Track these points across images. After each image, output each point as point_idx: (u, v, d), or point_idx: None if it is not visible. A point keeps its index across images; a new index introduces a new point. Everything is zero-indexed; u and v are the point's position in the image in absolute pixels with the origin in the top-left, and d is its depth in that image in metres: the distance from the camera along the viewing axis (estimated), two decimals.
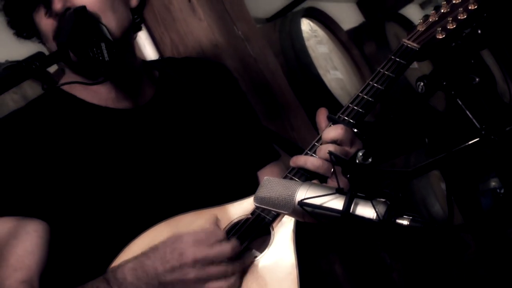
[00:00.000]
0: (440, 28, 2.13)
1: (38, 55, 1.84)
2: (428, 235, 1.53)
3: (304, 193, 1.65)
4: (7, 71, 1.82)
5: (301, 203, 1.64)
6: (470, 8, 2.13)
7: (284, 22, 4.25)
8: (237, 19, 3.17)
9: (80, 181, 2.03)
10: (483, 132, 1.70)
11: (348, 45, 4.56)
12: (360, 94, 2.08)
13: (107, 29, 1.97)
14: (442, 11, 2.18)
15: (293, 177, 2.00)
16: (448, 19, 2.14)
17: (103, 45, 1.92)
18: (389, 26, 4.74)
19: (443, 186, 4.38)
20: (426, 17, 2.21)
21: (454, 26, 2.13)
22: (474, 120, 1.73)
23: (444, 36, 2.13)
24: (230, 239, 1.90)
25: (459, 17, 2.13)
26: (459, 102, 1.76)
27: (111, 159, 2.08)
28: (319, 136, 2.05)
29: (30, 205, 1.98)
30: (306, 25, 4.32)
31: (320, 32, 4.44)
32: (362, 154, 1.59)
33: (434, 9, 2.20)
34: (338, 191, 1.61)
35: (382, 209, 1.56)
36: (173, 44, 3.11)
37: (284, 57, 4.05)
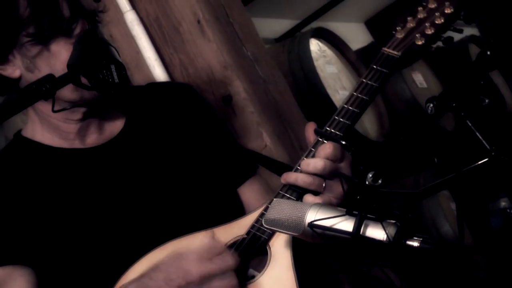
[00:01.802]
0: (419, 34, 2.12)
1: (49, 78, 1.85)
2: (438, 256, 1.52)
3: (314, 215, 1.65)
4: (17, 93, 1.83)
5: (311, 224, 1.63)
6: (446, 12, 2.12)
7: (292, 42, 4.25)
8: (246, 40, 3.18)
9: (58, 225, 2.02)
10: (493, 154, 1.70)
11: (357, 65, 4.56)
12: (345, 106, 2.08)
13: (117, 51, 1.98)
14: (419, 16, 2.16)
15: (285, 194, 1.98)
16: (426, 24, 2.13)
17: (112, 67, 1.93)
18: None
19: (452, 206, 4.36)
20: (403, 23, 2.19)
21: (433, 31, 2.12)
22: (484, 141, 1.72)
23: (423, 41, 2.12)
24: (229, 251, 1.89)
25: (436, 22, 2.12)
26: (469, 123, 1.75)
27: (88, 199, 2.07)
28: (307, 151, 2.03)
29: (14, 254, 1.99)
30: (315, 45, 4.32)
31: (329, 52, 4.45)
32: (372, 176, 1.59)
33: (410, 15, 2.18)
34: (348, 212, 1.61)
35: (392, 230, 1.55)
36: (182, 65, 3.11)
37: (293, 77, 4.05)
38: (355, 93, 2.09)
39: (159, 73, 3.06)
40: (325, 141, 2.02)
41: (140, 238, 2.03)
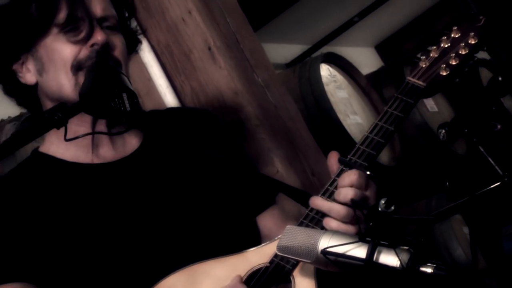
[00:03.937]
0: (444, 65, 2.09)
1: (60, 106, 1.86)
2: (452, 282, 1.52)
3: (327, 242, 1.64)
4: (30, 122, 1.84)
5: (324, 251, 1.63)
6: (471, 42, 2.10)
7: (303, 67, 4.26)
8: (256, 67, 3.18)
9: (68, 243, 2.02)
10: (506, 179, 1.69)
11: (367, 89, 4.56)
12: (369, 135, 2.01)
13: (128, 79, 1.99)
14: (442, 45, 2.14)
15: (309, 224, 1.93)
16: (451, 54, 2.10)
17: (124, 95, 1.93)
18: (408, 70, 4.73)
19: (465, 230, 4.34)
20: (427, 52, 2.15)
21: (458, 62, 2.09)
22: (496, 167, 1.72)
23: (448, 72, 2.08)
24: None
25: (461, 52, 2.10)
26: (481, 149, 1.75)
27: (100, 216, 2.07)
28: (331, 181, 1.98)
29: (19, 270, 1.99)
30: (325, 70, 4.33)
31: (339, 77, 4.45)
32: (385, 202, 1.58)
33: (433, 44, 2.15)
34: (361, 239, 1.60)
35: (405, 257, 1.55)
36: (194, 93, 3.12)
37: (303, 103, 4.05)
38: (379, 123, 2.03)
39: (171, 100, 3.07)
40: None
41: (152, 262, 2.02)
